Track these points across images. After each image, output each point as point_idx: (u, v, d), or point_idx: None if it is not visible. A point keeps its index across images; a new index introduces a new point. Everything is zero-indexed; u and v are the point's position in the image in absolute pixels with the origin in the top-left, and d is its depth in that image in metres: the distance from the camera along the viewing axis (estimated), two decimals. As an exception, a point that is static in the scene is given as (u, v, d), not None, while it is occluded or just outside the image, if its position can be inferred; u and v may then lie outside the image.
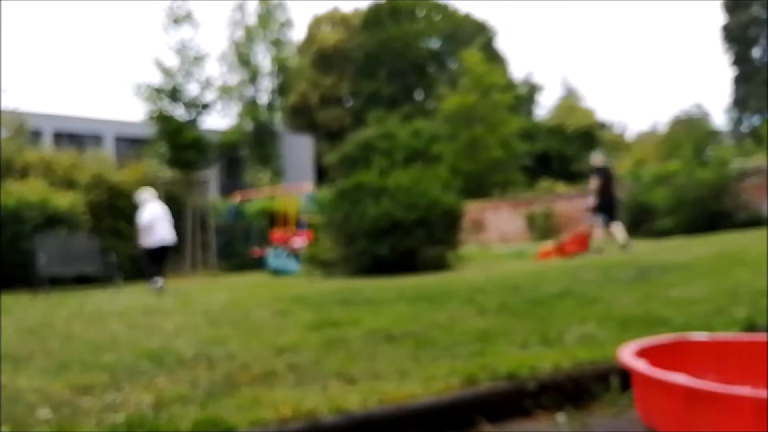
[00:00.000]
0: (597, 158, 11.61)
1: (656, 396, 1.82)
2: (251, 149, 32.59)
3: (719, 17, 43.44)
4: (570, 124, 38.08)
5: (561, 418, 2.23)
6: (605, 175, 11.02)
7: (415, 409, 2.15)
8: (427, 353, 2.82)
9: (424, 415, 2.15)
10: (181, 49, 17.00)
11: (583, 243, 10.93)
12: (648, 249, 9.27)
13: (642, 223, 14.61)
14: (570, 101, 41.37)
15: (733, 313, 3.16)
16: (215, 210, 17.83)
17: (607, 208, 10.90)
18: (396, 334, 3.34)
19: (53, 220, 12.14)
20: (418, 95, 44.77)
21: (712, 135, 31.25)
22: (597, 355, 2.56)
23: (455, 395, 2.26)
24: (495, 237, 21.52)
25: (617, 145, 37.61)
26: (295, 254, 13.42)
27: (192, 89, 17.14)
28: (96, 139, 29.10)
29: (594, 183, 11.05)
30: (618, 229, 10.77)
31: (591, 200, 11.02)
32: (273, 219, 18.21)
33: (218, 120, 33.72)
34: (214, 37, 58.41)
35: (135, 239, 10.80)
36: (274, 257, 13.06)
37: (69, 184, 13.87)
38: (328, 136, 41.22)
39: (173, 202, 15.65)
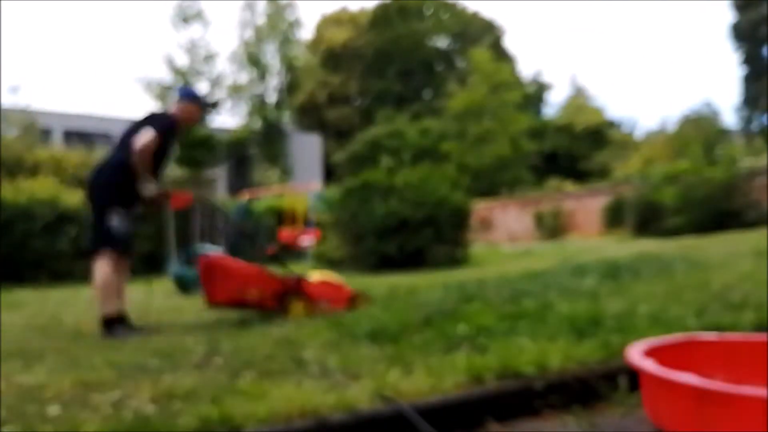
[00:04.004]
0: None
1: (665, 396, 1.81)
2: (260, 148, 32.67)
3: (729, 15, 43.31)
4: (579, 122, 37.98)
5: (569, 417, 2.22)
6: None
7: (423, 408, 2.15)
8: (434, 351, 2.82)
9: (431, 414, 2.15)
10: (191, 48, 17.08)
11: None
12: (657, 248, 9.23)
13: (651, 222, 14.58)
14: (579, 100, 41.24)
15: (742, 313, 3.14)
16: (224, 208, 17.87)
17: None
18: (403, 331, 3.34)
19: (64, 219, 12.20)
20: (427, 94, 44.73)
21: (722, 134, 31.08)
22: (605, 354, 2.55)
23: (463, 394, 2.25)
24: (503, 236, 21.48)
25: (626, 143, 37.45)
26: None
27: (201, 88, 17.20)
28: (106, 138, 29.17)
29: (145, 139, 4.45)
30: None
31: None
32: (281, 217, 18.23)
33: (227, 118, 33.83)
34: (224, 36, 58.59)
35: None
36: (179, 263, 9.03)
37: (79, 182, 13.92)
38: (337, 134, 41.26)
39: (182, 201, 15.72)
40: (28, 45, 54.81)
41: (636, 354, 1.97)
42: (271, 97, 34.31)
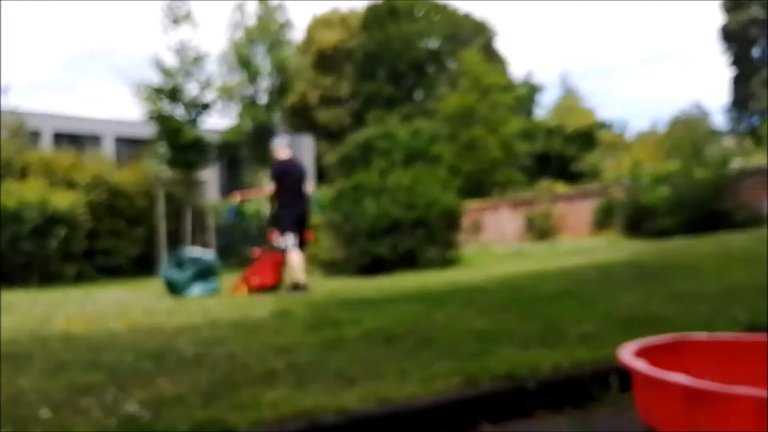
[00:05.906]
0: (279, 147, 7.71)
1: (656, 396, 1.82)
2: (251, 149, 32.55)
3: (718, 17, 43.59)
4: (570, 124, 38.09)
5: (561, 418, 2.23)
6: (289, 174, 7.33)
7: (415, 409, 2.15)
8: (427, 353, 2.82)
9: (424, 415, 2.15)
10: (181, 50, 16.97)
11: (269, 273, 7.73)
12: (648, 249, 9.27)
13: (641, 223, 14.62)
14: (570, 101, 41.36)
15: (733, 313, 3.16)
16: (215, 210, 17.81)
17: (291, 223, 7.13)
18: (396, 334, 3.34)
19: (53, 221, 12.14)
20: (418, 95, 44.75)
21: (712, 135, 31.22)
22: (597, 355, 2.56)
23: (455, 395, 2.25)
24: (494, 237, 21.51)
25: (617, 144, 37.58)
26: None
27: (191, 89, 17.12)
28: (96, 139, 29.08)
29: (270, 187, 7.48)
30: (296, 259, 7.01)
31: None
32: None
33: (218, 120, 33.69)
34: (213, 37, 58.43)
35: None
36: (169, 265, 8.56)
37: (69, 184, 13.85)
38: (328, 136, 41.19)
39: (173, 203, 15.64)
40: (16, 45, 54.49)
41: (627, 354, 1.97)
42: (262, 99, 34.20)
